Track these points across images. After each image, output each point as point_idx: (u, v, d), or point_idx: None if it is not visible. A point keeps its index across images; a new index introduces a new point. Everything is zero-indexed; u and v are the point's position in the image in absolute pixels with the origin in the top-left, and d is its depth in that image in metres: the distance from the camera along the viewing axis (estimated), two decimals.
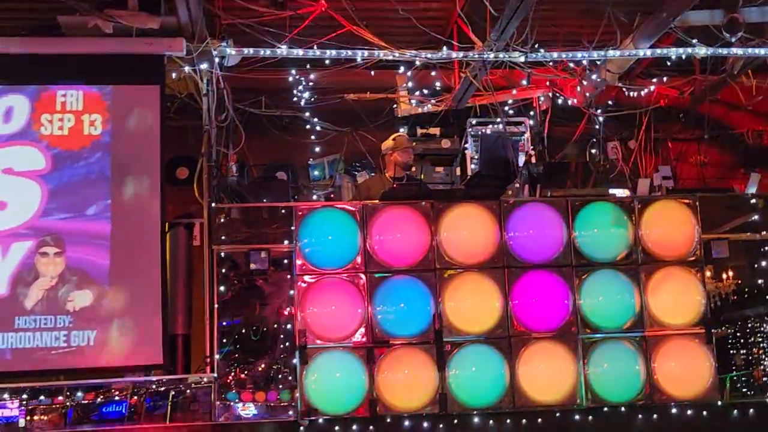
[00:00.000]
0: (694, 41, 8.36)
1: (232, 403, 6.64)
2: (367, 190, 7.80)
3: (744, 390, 7.32)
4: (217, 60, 7.61)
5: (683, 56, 8.57)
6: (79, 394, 6.56)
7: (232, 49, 7.71)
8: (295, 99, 9.22)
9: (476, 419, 6.65)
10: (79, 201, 6.99)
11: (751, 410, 6.94)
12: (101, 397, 6.56)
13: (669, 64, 9.19)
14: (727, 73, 9.23)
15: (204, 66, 7.53)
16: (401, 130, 9.21)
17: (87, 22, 7.05)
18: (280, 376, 6.76)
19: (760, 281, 7.63)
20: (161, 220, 7.04)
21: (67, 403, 6.52)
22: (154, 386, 6.66)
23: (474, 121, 9.46)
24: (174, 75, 7.62)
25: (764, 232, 7.46)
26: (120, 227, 6.98)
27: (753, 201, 7.58)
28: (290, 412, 6.61)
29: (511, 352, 6.74)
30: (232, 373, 6.75)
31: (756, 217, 7.47)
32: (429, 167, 9.31)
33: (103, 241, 6.95)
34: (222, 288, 6.83)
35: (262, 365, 6.83)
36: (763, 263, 7.53)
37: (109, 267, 6.90)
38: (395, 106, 9.44)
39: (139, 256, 6.95)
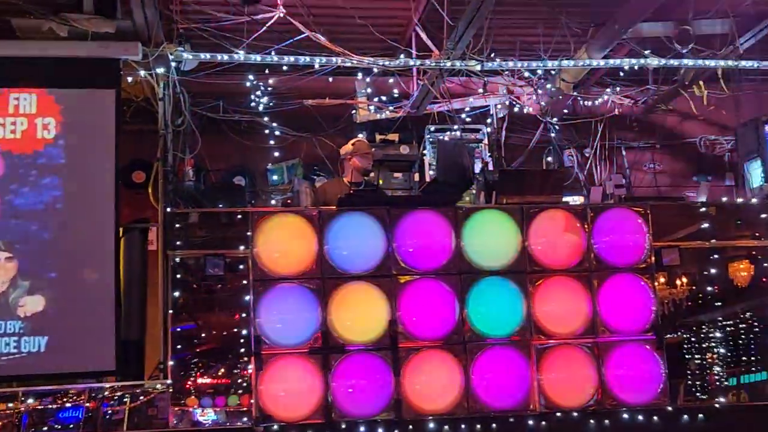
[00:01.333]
0: (647, 52, 8.53)
1: (190, 409, 6.60)
2: (323, 193, 7.81)
3: (698, 394, 7.44)
4: (173, 64, 7.58)
5: (636, 67, 8.72)
6: (34, 399, 6.48)
7: (188, 53, 7.70)
8: (253, 104, 9.21)
9: (431, 425, 6.67)
10: (32, 205, 6.91)
11: (701, 415, 7.04)
12: (58, 402, 6.48)
13: (622, 74, 9.34)
14: (678, 84, 9.42)
15: (160, 70, 7.50)
16: (360, 135, 9.26)
17: (41, 25, 6.98)
18: (237, 382, 6.74)
19: (711, 288, 7.76)
20: (116, 225, 6.99)
21: (22, 408, 6.44)
22: (109, 392, 6.60)
23: (432, 128, 9.53)
24: (130, 79, 7.58)
25: (713, 240, 7.60)
26: (74, 231, 6.92)
27: (703, 209, 7.72)
28: (245, 419, 6.59)
29: (466, 358, 6.79)
30: (190, 379, 6.72)
31: (706, 225, 7.60)
32: (388, 173, 9.36)
33: (56, 246, 6.88)
34: (177, 293, 6.79)
35: (219, 371, 6.80)
36: (713, 270, 7.67)
37: (62, 271, 6.83)
38: (354, 112, 9.48)
39: (93, 260, 6.90)
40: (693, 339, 7.66)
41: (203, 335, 6.93)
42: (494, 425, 6.74)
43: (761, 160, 9.50)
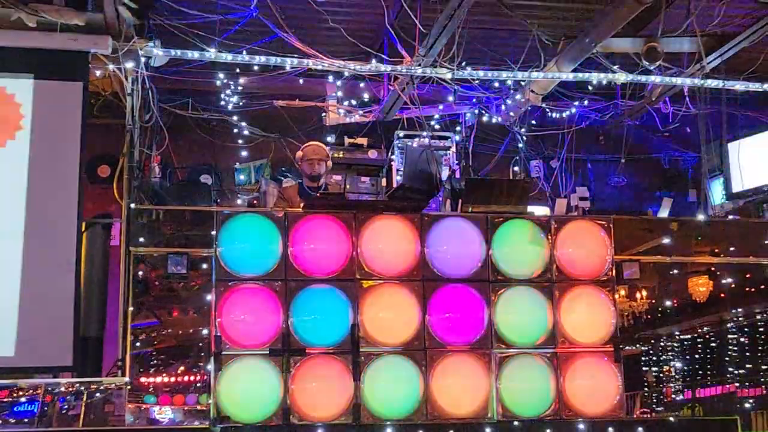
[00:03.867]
0: (616, 67, 8.64)
1: (148, 407, 6.56)
2: (286, 195, 7.81)
3: (654, 407, 7.53)
4: (143, 60, 7.53)
5: (604, 81, 8.84)
6: None
7: (159, 49, 7.65)
8: (222, 102, 9.18)
9: (389, 430, 6.68)
10: None
11: (656, 427, 7.12)
12: (13, 396, 6.40)
13: (591, 87, 9.45)
14: (645, 99, 9.55)
15: (130, 65, 7.44)
16: (329, 138, 9.27)
17: (9, 14, 6.88)
18: (195, 381, 6.70)
19: (669, 302, 7.88)
20: (78, 219, 6.91)
21: None
22: (65, 387, 6.53)
23: (401, 134, 9.57)
24: (98, 73, 7.51)
25: (674, 256, 7.71)
26: (35, 224, 6.82)
27: (664, 225, 7.83)
28: (203, 419, 6.55)
29: (426, 365, 6.82)
30: (149, 377, 6.67)
31: (667, 240, 7.70)
32: (355, 177, 9.37)
33: (16, 237, 6.78)
34: (138, 290, 6.74)
35: (178, 369, 6.76)
36: (672, 285, 7.78)
37: (21, 264, 6.74)
38: (324, 114, 9.48)
39: (54, 254, 6.80)
40: (651, 352, 7.75)
41: (163, 333, 6.89)
42: None
43: (723, 178, 9.67)
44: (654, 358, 7.82)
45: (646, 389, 7.63)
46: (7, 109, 6.97)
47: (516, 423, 6.87)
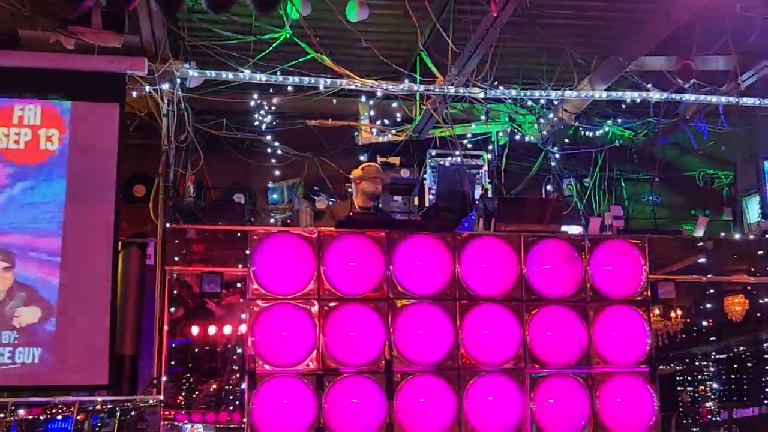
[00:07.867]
0: (649, 85, 8.59)
1: (180, 424, 6.58)
2: (332, 214, 7.83)
3: (690, 427, 7.43)
4: (178, 81, 7.63)
5: (638, 99, 8.79)
6: (24, 410, 6.45)
7: (194, 70, 7.74)
8: (256, 122, 9.25)
9: None
10: (32, 216, 6.93)
11: None
12: (48, 413, 6.46)
13: (624, 106, 9.40)
14: (679, 117, 9.48)
15: (165, 86, 7.54)
16: (362, 157, 9.29)
17: (48, 37, 7.00)
18: (229, 399, 6.72)
19: (705, 322, 7.79)
20: (114, 239, 6.99)
21: (11, 419, 6.41)
22: (100, 405, 6.58)
23: (433, 152, 9.57)
24: (135, 94, 7.62)
25: (710, 275, 7.62)
26: (72, 244, 6.92)
27: (700, 244, 7.75)
28: None
29: (460, 384, 6.79)
30: (182, 394, 6.70)
31: (703, 259, 7.62)
32: (387, 196, 9.38)
33: (54, 257, 6.88)
34: (173, 309, 6.79)
35: (212, 387, 6.79)
36: (708, 305, 7.69)
37: (59, 284, 6.83)
38: (356, 134, 9.51)
39: (91, 273, 6.89)
40: (686, 372, 7.66)
41: (197, 352, 6.92)
42: None
43: (759, 196, 9.55)
44: (689, 378, 7.70)
45: (681, 410, 7.52)
46: (44, 130, 7.09)
47: None
